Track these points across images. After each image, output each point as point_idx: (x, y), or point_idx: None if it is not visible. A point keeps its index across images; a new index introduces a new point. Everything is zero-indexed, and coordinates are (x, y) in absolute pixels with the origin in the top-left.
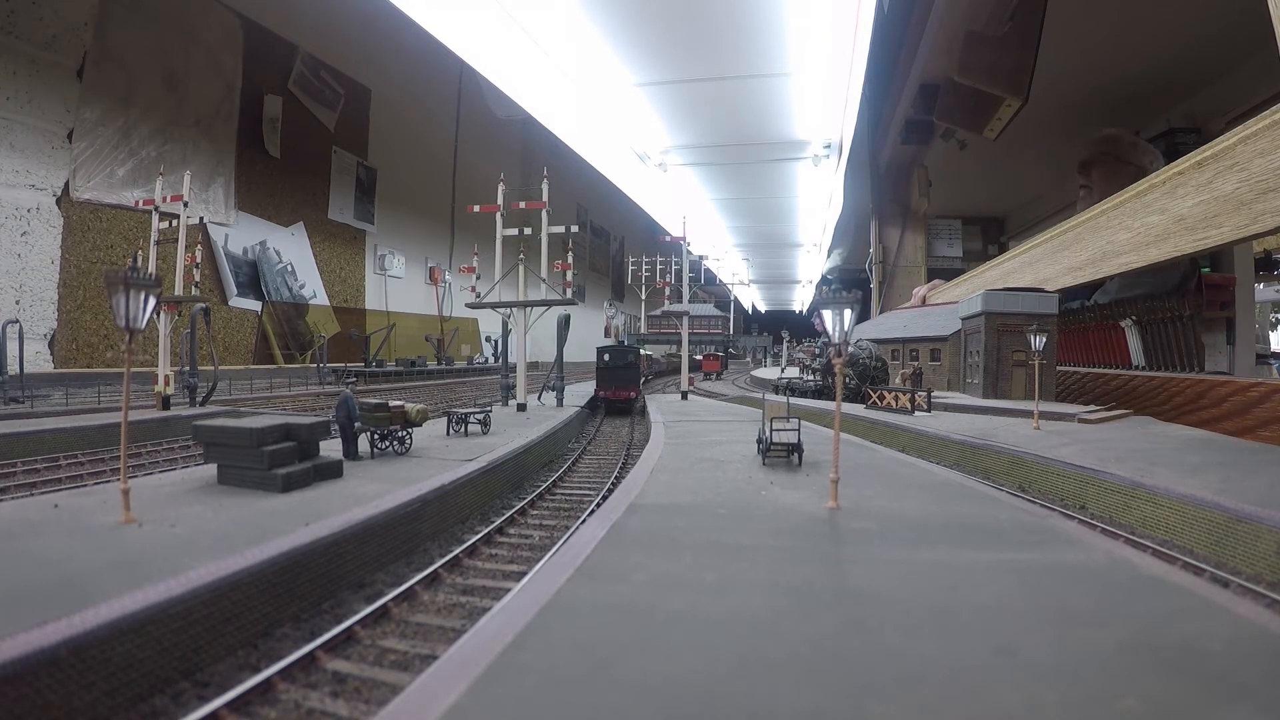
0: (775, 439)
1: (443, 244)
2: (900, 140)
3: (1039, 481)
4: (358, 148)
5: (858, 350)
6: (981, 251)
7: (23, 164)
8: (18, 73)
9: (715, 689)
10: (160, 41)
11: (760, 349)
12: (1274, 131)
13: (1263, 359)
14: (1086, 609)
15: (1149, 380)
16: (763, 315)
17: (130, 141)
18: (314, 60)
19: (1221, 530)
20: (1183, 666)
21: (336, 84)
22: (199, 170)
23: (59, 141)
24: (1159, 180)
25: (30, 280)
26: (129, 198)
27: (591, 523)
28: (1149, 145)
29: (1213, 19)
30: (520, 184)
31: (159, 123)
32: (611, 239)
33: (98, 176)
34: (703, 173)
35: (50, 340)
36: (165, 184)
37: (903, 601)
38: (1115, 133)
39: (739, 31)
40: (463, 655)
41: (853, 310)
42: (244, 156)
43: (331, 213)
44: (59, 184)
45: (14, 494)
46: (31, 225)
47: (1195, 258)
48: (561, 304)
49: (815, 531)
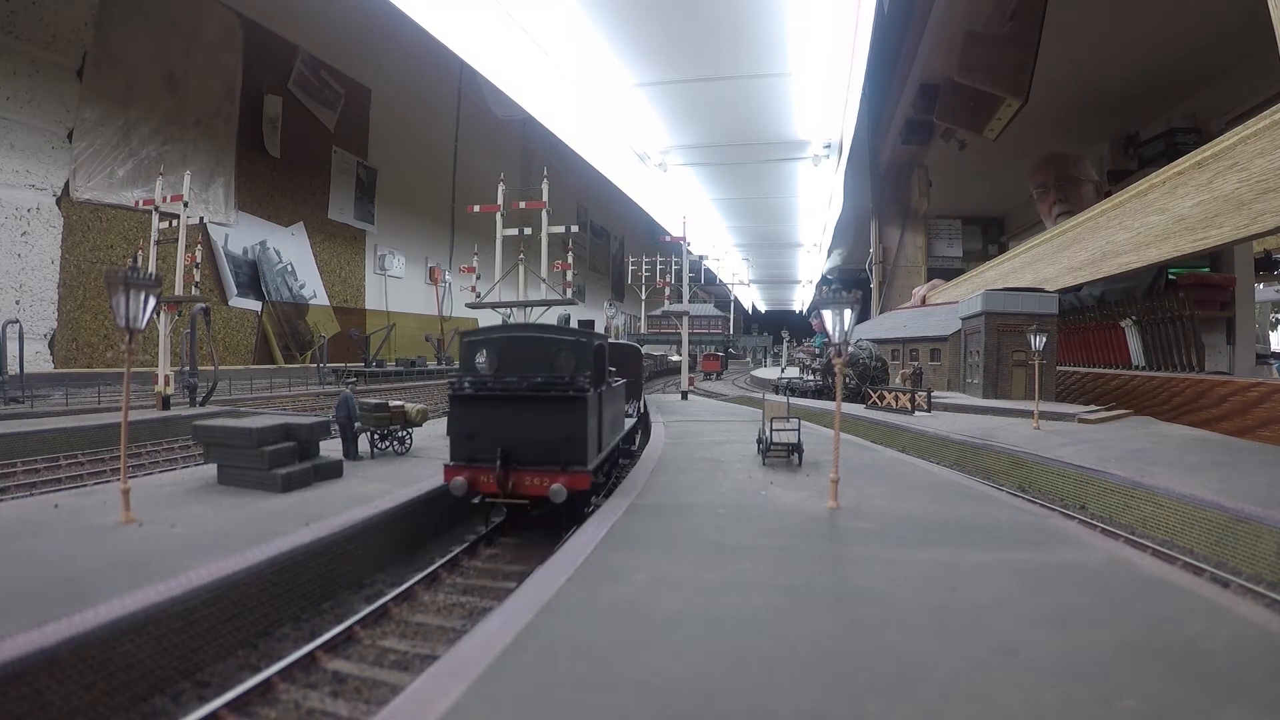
0: (775, 439)
1: (443, 244)
2: (900, 140)
3: (1039, 481)
4: (358, 148)
5: (858, 350)
6: (981, 251)
7: (23, 164)
8: (18, 73)
9: (715, 689)
10: (160, 41)
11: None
12: (1274, 131)
13: (1263, 359)
14: (1086, 609)
15: (1149, 380)
16: (763, 315)
17: (130, 141)
18: (314, 60)
19: (1221, 530)
20: (1183, 666)
21: (336, 84)
22: (199, 170)
23: (59, 141)
24: (1159, 180)
25: (30, 280)
26: (129, 198)
27: (591, 523)
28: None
29: (1212, 19)
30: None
31: (159, 123)
32: (611, 239)
33: (98, 176)
34: (703, 173)
35: (50, 340)
36: (165, 184)
37: (903, 601)
38: (1061, 153)
39: (739, 31)
40: (463, 655)
41: (853, 310)
42: (244, 156)
43: (331, 213)
44: (59, 184)
45: (14, 494)
46: (31, 225)
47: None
48: (561, 304)
49: (815, 531)
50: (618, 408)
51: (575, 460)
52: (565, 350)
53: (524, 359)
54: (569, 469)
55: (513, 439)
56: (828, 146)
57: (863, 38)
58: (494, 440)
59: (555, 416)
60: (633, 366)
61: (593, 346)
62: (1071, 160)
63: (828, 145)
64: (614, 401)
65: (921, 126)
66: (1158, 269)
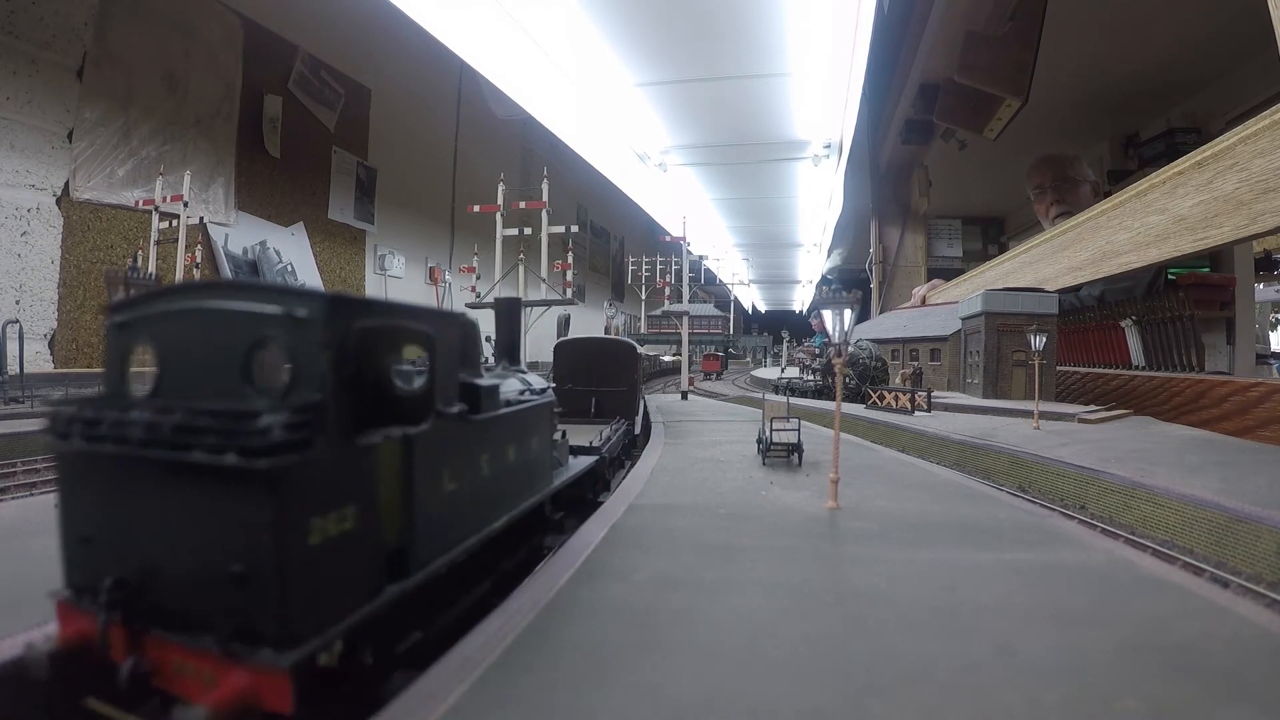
0: (775, 439)
1: (443, 244)
2: (900, 140)
3: (1039, 481)
4: (358, 148)
5: (858, 350)
6: (981, 251)
7: (23, 164)
8: (18, 73)
9: (715, 688)
10: (160, 41)
11: (760, 349)
12: (1274, 131)
13: (1263, 359)
14: (1086, 609)
15: (1149, 380)
16: (763, 315)
17: (130, 141)
18: (314, 60)
19: (1221, 530)
20: (1183, 666)
21: (336, 84)
22: (199, 170)
23: (59, 141)
24: (1159, 180)
25: (30, 280)
26: (129, 198)
27: (591, 523)
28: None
29: (1212, 19)
30: (520, 184)
31: (159, 123)
32: (611, 239)
33: (98, 176)
34: (703, 173)
35: (50, 340)
36: (165, 184)
37: (903, 601)
38: (1058, 154)
39: (739, 31)
40: (463, 655)
41: (853, 310)
42: (244, 156)
43: (331, 213)
44: (59, 184)
45: (14, 494)
46: (31, 225)
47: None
48: (561, 304)
49: (815, 531)
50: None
51: (255, 630)
52: (273, 337)
53: (197, 361)
54: (240, 653)
55: (148, 556)
56: (828, 146)
57: (863, 38)
58: (118, 555)
59: (206, 517)
60: (625, 373)
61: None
62: (1068, 161)
63: (828, 145)
64: (488, 445)
65: (921, 126)
66: (1157, 269)
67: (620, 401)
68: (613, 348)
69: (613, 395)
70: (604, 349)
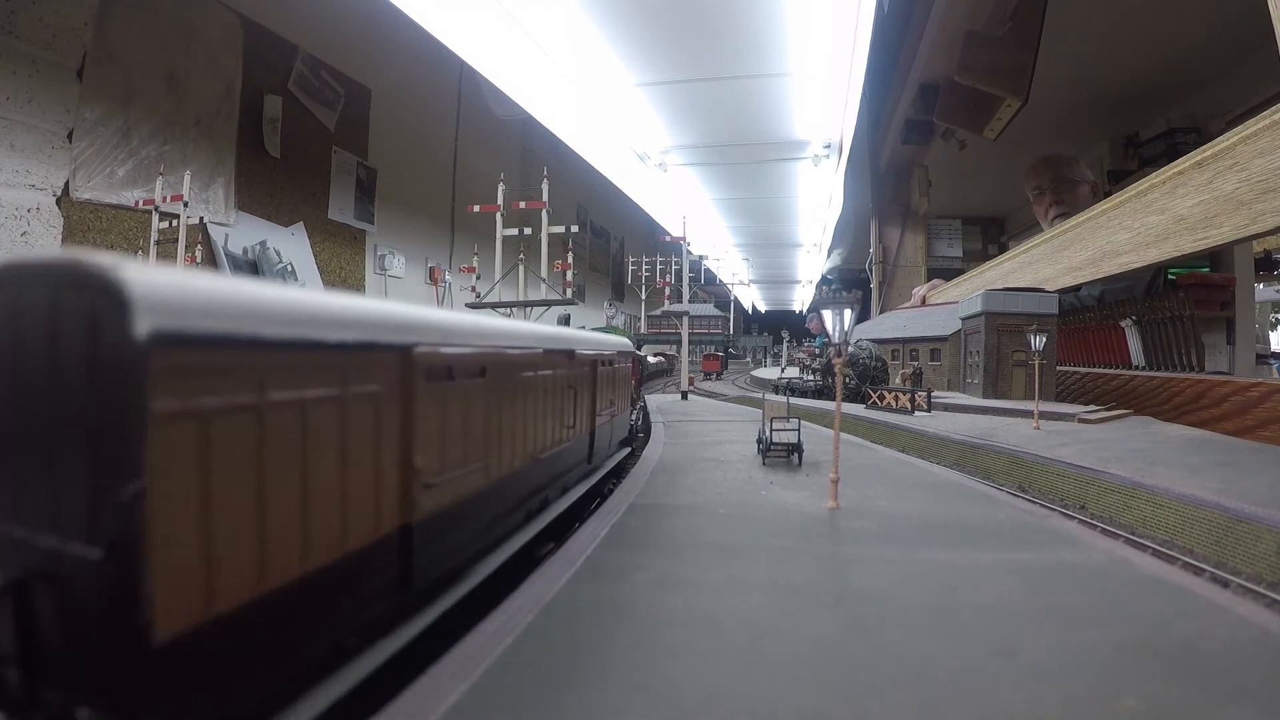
0: (775, 439)
1: (443, 244)
2: (900, 140)
3: (1039, 481)
4: (358, 148)
5: (858, 350)
6: (981, 251)
7: (23, 164)
8: (18, 73)
9: (716, 688)
10: (160, 41)
11: (760, 349)
12: (1274, 131)
13: (1263, 359)
14: (1086, 609)
15: (1149, 380)
16: (763, 315)
17: (130, 141)
18: (314, 60)
19: (1221, 530)
20: (1183, 666)
21: (336, 84)
22: (199, 170)
23: (59, 141)
24: (1159, 180)
25: None
26: (129, 198)
27: (591, 522)
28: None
29: (1212, 19)
30: (520, 184)
31: (159, 123)
32: (611, 239)
33: (98, 176)
34: (703, 173)
35: None
36: (165, 184)
37: (903, 601)
38: (1056, 155)
39: (739, 31)
40: (463, 655)
41: (853, 310)
42: (244, 156)
43: (331, 213)
44: (59, 184)
45: None
46: (31, 225)
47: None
48: (561, 304)
49: (815, 531)
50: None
51: None
52: None
53: None
54: None
55: None
56: (828, 146)
57: (863, 38)
58: None
59: None
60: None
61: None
62: (1066, 162)
63: (828, 145)
64: None
65: (921, 126)
66: (1157, 269)
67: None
68: None
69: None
70: None
